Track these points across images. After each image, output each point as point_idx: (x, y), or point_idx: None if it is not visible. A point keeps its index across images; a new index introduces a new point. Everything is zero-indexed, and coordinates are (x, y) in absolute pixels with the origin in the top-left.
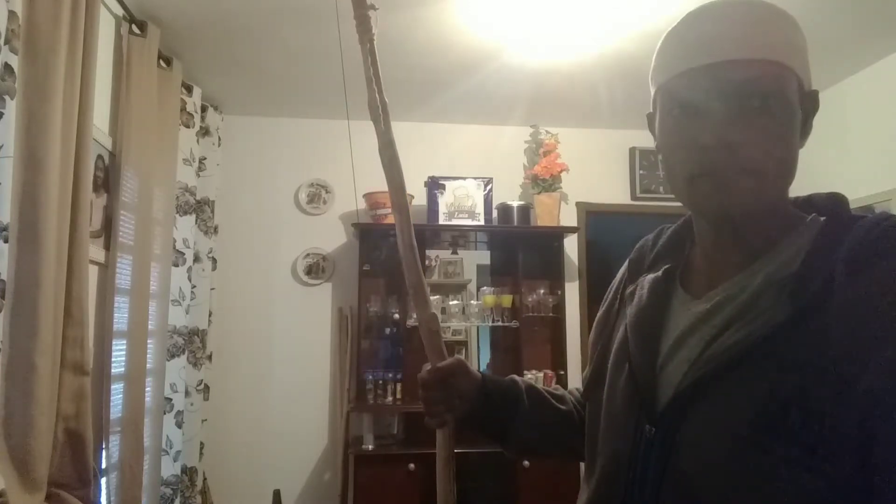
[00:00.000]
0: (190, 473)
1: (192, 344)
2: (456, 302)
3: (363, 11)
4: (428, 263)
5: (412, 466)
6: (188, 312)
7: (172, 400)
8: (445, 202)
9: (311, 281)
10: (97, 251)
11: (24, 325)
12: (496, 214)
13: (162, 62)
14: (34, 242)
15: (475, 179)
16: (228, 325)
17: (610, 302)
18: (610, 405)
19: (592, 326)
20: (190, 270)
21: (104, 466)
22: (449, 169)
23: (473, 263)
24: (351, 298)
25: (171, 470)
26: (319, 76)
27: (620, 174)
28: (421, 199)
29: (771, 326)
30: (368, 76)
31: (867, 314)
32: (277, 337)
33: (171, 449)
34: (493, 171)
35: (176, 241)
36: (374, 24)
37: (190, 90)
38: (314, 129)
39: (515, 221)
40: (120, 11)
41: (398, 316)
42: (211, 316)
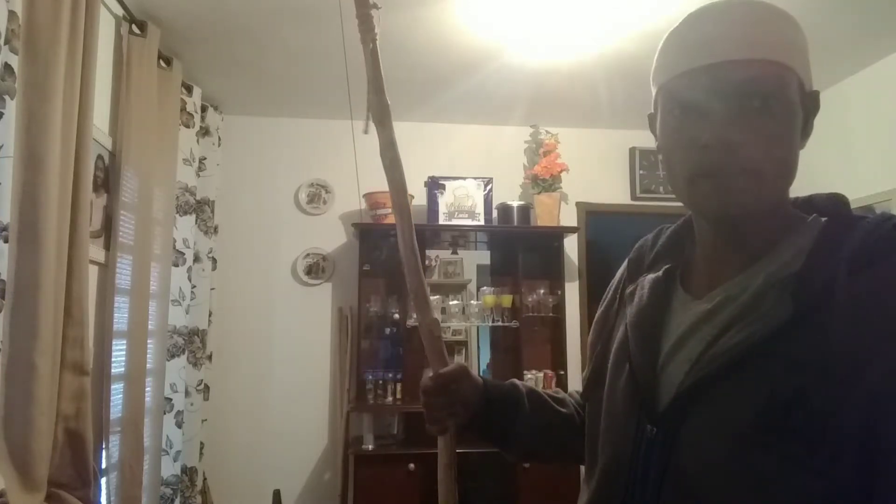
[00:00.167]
0: (190, 473)
1: (192, 344)
2: (456, 302)
3: (366, 11)
4: (428, 263)
5: (412, 466)
6: (188, 312)
7: (172, 400)
8: (445, 202)
9: (311, 281)
10: (97, 251)
11: (24, 325)
12: (496, 214)
13: (162, 62)
14: (34, 242)
15: (475, 179)
16: (228, 325)
17: (609, 302)
18: (610, 405)
19: (591, 326)
20: (190, 270)
21: (104, 466)
22: (449, 169)
23: (473, 263)
24: (351, 298)
25: (171, 470)
26: (319, 76)
27: (620, 174)
28: (421, 199)
29: (773, 327)
30: (371, 78)
31: (870, 314)
32: (277, 337)
33: (171, 449)
34: (493, 171)
35: (176, 241)
36: (376, 23)
37: (190, 90)
38: (314, 129)
39: (515, 221)
40: (120, 11)
41: (398, 316)
42: (211, 316)
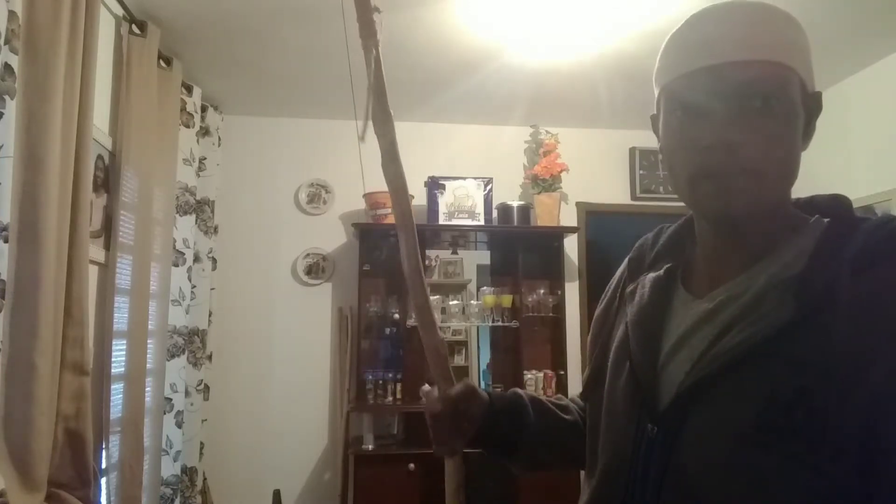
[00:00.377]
0: (190, 473)
1: (192, 344)
2: (456, 302)
3: (368, 16)
4: (428, 263)
5: (412, 466)
6: (188, 312)
7: (172, 400)
8: (445, 202)
9: (311, 281)
10: (97, 251)
11: (24, 325)
12: (496, 214)
13: (162, 62)
14: (34, 242)
15: (475, 179)
16: (228, 325)
17: (609, 300)
18: (610, 404)
19: (591, 325)
20: (190, 270)
21: (104, 466)
22: (449, 169)
23: (473, 263)
24: (351, 298)
25: (171, 470)
26: (319, 76)
27: (620, 174)
28: (421, 199)
29: (775, 327)
30: (373, 86)
31: (873, 314)
32: (277, 337)
33: (171, 449)
34: (493, 171)
35: (176, 241)
36: (379, 28)
37: (190, 90)
38: (314, 129)
39: (515, 221)
40: (120, 11)
41: (398, 316)
42: (211, 316)
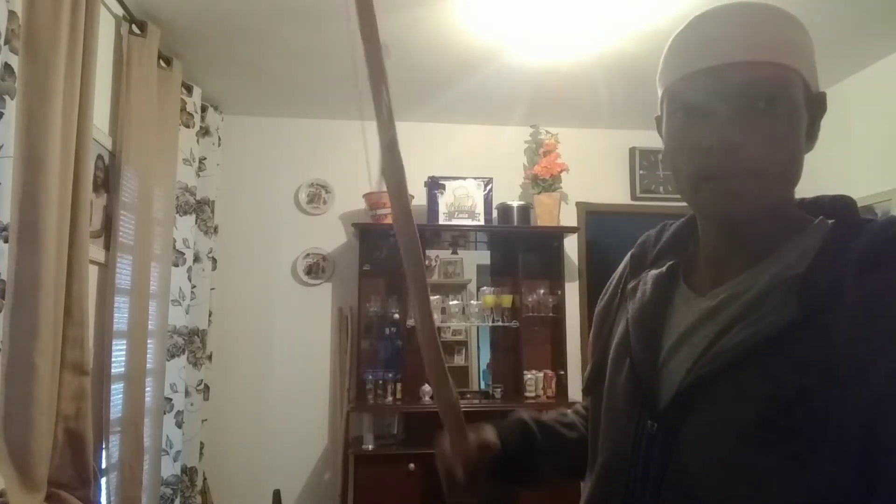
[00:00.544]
0: (190, 473)
1: (192, 344)
2: (456, 302)
3: (377, 55)
4: (428, 263)
5: (412, 466)
6: (188, 312)
7: (172, 400)
8: (445, 202)
9: (311, 281)
10: (97, 251)
11: (24, 325)
12: (496, 214)
13: (162, 62)
14: (34, 242)
15: (475, 179)
16: (228, 325)
17: (610, 297)
18: (611, 401)
19: (592, 322)
20: (190, 270)
21: (104, 466)
22: (449, 169)
23: (473, 263)
24: (351, 298)
25: (171, 470)
26: (320, 76)
27: (620, 174)
28: (421, 199)
29: (777, 327)
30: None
31: (876, 315)
32: (277, 337)
33: (171, 449)
34: (493, 171)
35: (176, 241)
36: (386, 54)
37: (190, 90)
38: (314, 129)
39: (515, 221)
40: (120, 11)
41: (398, 316)
42: (211, 316)
